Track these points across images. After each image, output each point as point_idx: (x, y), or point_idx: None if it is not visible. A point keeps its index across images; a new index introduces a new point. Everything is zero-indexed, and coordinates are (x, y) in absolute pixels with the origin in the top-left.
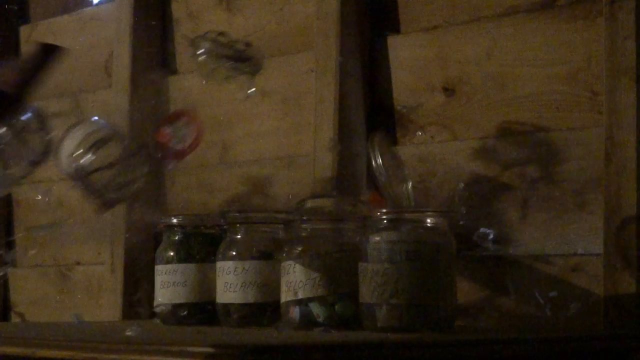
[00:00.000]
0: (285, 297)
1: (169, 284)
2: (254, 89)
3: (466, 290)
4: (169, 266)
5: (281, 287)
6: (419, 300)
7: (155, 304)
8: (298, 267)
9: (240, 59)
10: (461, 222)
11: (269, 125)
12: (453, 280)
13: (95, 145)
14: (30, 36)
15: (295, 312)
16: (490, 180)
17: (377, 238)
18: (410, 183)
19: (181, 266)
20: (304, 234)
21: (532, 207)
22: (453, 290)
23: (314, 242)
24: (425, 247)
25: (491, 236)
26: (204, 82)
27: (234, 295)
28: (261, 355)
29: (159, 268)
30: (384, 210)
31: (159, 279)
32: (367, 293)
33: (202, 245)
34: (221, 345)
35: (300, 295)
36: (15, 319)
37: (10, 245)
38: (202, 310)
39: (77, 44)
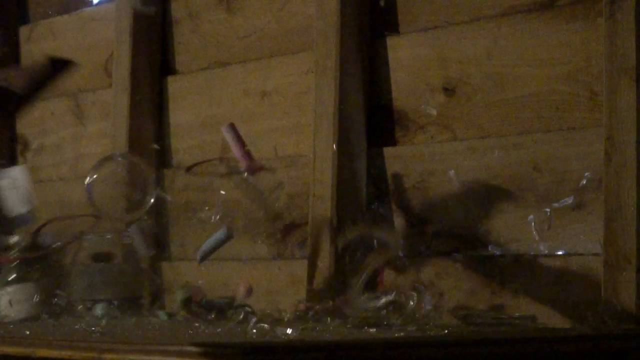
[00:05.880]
0: None
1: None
2: None
3: (466, 290)
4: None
5: None
6: None
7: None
8: None
9: None
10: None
11: (269, 125)
12: None
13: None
14: (30, 36)
15: None
16: (490, 180)
17: None
18: None
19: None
20: None
21: (532, 207)
22: None
23: None
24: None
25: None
26: None
27: None
28: (261, 355)
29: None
30: None
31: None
32: None
33: None
34: (220, 345)
35: None
36: None
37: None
38: None
39: (77, 44)
